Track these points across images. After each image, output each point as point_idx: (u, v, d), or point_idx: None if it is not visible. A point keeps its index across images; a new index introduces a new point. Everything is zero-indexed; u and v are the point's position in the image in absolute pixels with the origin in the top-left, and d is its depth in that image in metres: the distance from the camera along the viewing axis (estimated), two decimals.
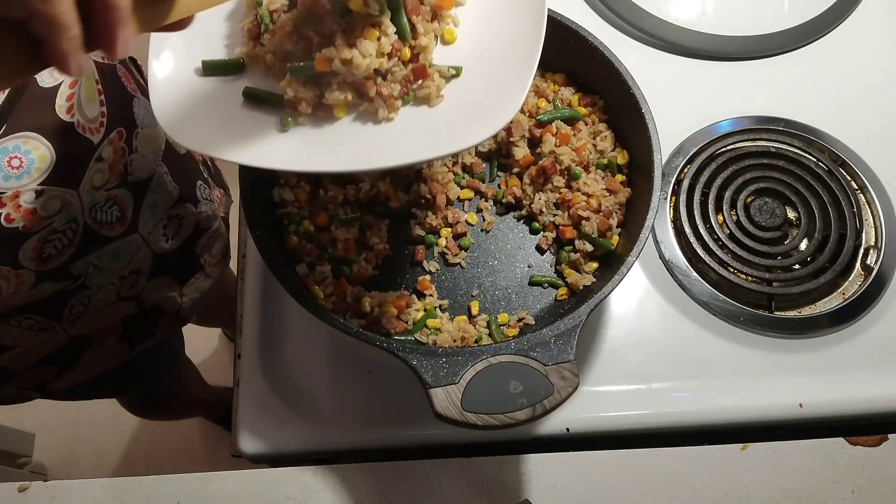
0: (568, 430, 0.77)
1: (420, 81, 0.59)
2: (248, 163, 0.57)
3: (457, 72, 0.60)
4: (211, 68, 0.61)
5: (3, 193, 0.64)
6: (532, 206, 0.78)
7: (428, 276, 0.76)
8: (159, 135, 0.84)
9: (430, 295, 0.75)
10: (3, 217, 0.65)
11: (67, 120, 0.68)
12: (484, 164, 0.82)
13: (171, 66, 0.60)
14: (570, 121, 0.81)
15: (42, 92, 0.66)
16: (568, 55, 0.80)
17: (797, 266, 0.85)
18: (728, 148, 0.91)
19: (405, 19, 0.59)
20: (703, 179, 0.88)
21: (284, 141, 0.58)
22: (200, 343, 1.82)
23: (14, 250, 0.69)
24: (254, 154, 0.57)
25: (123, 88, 0.79)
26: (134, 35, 0.43)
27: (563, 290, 0.75)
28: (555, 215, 0.78)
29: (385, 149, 0.57)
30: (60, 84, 0.67)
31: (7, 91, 0.62)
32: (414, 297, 0.75)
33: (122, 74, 0.80)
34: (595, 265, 0.75)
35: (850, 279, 0.85)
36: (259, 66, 0.62)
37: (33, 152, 0.65)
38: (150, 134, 0.81)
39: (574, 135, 0.80)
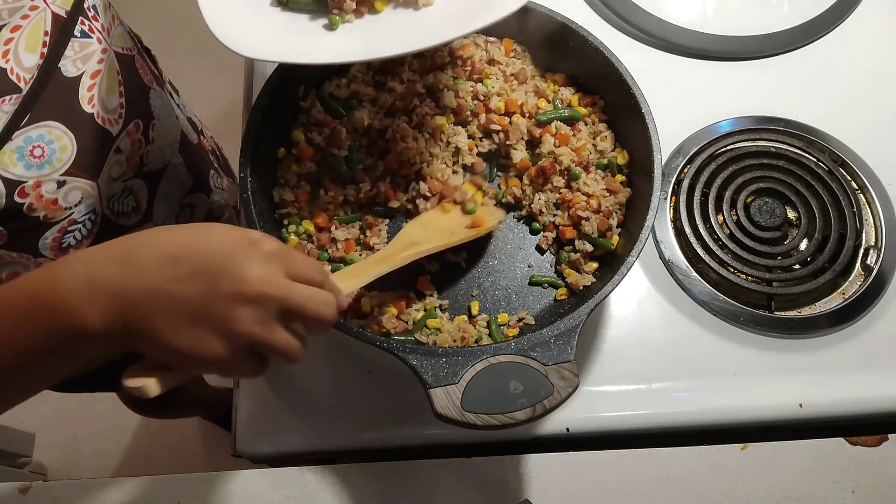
0: (568, 430, 0.77)
1: None
2: (316, 61, 0.64)
3: None
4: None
5: (26, 183, 0.64)
6: (532, 206, 0.78)
7: (428, 276, 0.76)
8: (175, 126, 0.84)
9: (430, 295, 0.75)
10: (25, 206, 0.65)
11: (88, 111, 0.68)
12: (484, 164, 0.82)
13: None
14: (570, 121, 0.81)
15: (66, 81, 0.66)
16: (568, 55, 0.80)
17: (797, 266, 0.85)
18: (728, 148, 0.91)
19: None
20: (703, 179, 0.88)
21: (337, 37, 0.65)
22: None
23: (35, 239, 0.69)
24: (315, 52, 0.64)
25: (141, 80, 0.79)
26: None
27: (562, 290, 0.75)
28: (555, 215, 0.78)
29: (431, 29, 0.63)
30: (83, 74, 0.67)
31: (32, 79, 0.62)
32: (414, 297, 0.75)
33: (140, 66, 0.80)
34: (595, 265, 0.75)
35: (850, 279, 0.85)
36: None
37: (56, 142, 0.65)
38: (165, 125, 0.81)
39: (574, 135, 0.80)
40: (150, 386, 0.48)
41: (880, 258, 0.84)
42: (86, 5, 0.68)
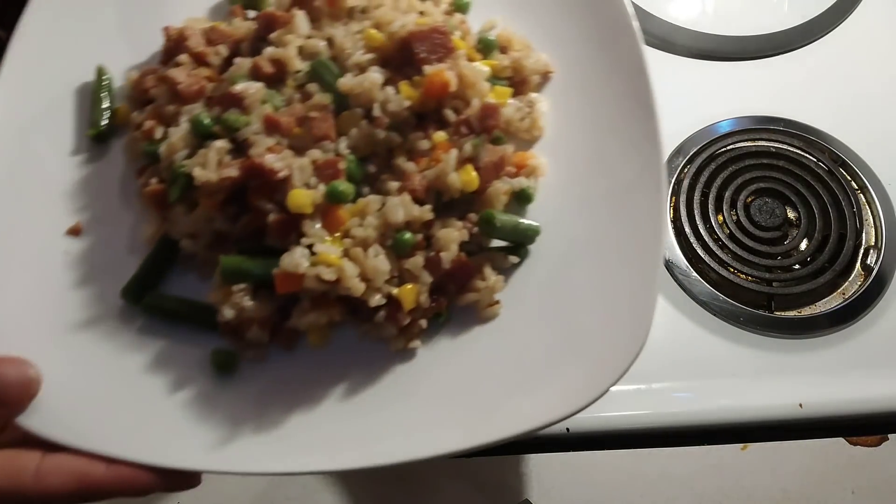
0: (568, 430, 0.77)
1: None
2: (162, 463, 0.34)
3: (522, 258, 0.38)
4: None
5: None
6: None
7: None
8: None
9: None
10: None
11: None
12: None
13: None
14: None
15: None
16: None
17: (797, 266, 0.85)
18: (728, 148, 0.91)
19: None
20: (703, 179, 0.88)
21: (219, 405, 0.34)
22: None
23: None
24: (160, 448, 0.33)
25: None
26: None
27: None
28: None
29: (398, 421, 0.33)
30: None
31: None
32: None
33: None
34: None
35: (850, 279, 0.85)
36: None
37: None
38: None
39: None
40: None
41: (880, 258, 0.84)
42: None
